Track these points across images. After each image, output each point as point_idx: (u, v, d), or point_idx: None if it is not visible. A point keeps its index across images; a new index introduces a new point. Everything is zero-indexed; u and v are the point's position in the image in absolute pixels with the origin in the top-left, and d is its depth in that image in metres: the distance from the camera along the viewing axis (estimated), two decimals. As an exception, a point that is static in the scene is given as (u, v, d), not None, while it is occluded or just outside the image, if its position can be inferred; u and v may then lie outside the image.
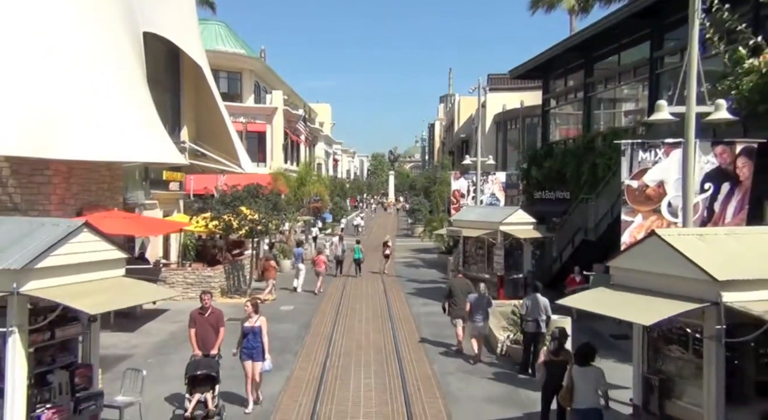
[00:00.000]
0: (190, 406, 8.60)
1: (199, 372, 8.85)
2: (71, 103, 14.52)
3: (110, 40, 16.39)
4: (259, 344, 9.51)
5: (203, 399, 8.72)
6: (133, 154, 16.54)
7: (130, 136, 15.89)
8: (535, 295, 11.44)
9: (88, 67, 15.19)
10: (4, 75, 13.73)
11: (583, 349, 7.56)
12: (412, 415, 9.33)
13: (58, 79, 14.43)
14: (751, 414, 6.47)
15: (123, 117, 15.82)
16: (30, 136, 13.65)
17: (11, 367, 6.04)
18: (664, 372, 6.93)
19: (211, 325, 9.51)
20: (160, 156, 17.52)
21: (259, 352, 9.49)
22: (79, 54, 15.06)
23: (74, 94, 14.66)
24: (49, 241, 6.14)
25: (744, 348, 6.51)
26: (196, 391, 8.75)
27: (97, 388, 7.08)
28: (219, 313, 9.80)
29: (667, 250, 6.32)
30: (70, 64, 14.77)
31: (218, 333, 9.52)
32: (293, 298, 19.88)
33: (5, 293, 5.84)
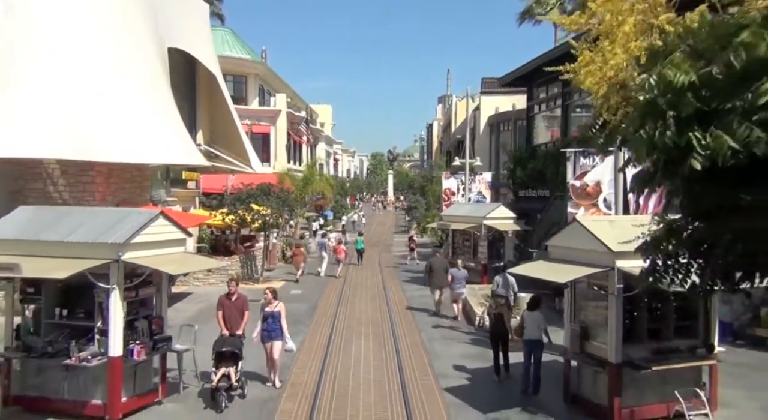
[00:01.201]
0: (216, 379, 9.45)
1: (225, 349, 9.75)
2: (111, 112, 16.90)
3: (142, 54, 18.82)
4: (277, 327, 10.42)
5: (227, 373, 9.56)
6: (163, 157, 19.02)
7: (160, 140, 18.32)
8: (504, 274, 13.91)
9: (123, 79, 17.60)
10: (55, 88, 16.08)
11: (533, 299, 10.55)
12: (403, 367, 11.76)
13: (99, 90, 16.80)
14: (643, 350, 8.94)
15: (154, 124, 18.23)
16: (77, 141, 16.01)
17: (112, 314, 8.48)
18: (583, 321, 9.39)
19: (237, 309, 10.45)
20: (185, 158, 20.00)
21: (278, 334, 10.40)
22: (117, 68, 17.47)
23: (113, 103, 17.05)
24: (139, 224, 8.59)
25: (639, 302, 8.96)
26: (222, 366, 9.59)
27: (167, 334, 9.53)
28: (244, 298, 10.70)
29: (584, 231, 8.78)
30: (109, 77, 17.17)
31: (243, 315, 10.42)
32: (302, 283, 22.30)
33: (111, 260, 8.28)
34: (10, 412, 8.64)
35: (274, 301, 10.52)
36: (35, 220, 9.14)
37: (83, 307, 9.05)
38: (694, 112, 3.16)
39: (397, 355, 12.58)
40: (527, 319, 10.29)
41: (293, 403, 9.67)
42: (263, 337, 10.46)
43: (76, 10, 16.66)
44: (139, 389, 9.09)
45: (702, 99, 3.15)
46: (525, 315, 10.45)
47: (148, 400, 9.25)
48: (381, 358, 12.48)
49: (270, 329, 10.44)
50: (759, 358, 12.51)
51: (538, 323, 10.16)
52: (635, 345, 8.93)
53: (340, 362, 12.14)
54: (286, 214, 22.26)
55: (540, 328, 10.10)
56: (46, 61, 15.99)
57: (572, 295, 9.61)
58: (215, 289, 19.23)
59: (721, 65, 3.07)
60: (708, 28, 3.23)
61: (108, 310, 8.46)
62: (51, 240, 8.45)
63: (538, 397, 9.94)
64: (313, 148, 60.35)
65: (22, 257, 8.23)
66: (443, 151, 71.50)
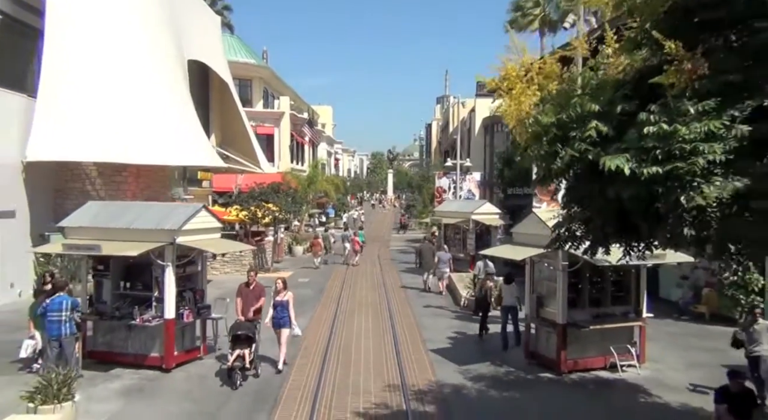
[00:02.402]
0: (231, 359, 10.29)
1: (240, 332, 10.54)
2: (142, 120, 19.26)
3: (168, 67, 21.20)
4: (286, 314, 11.15)
5: (242, 354, 10.30)
6: (186, 159, 21.41)
7: (183, 144, 20.70)
8: (485, 260, 16.25)
9: (152, 90, 19.97)
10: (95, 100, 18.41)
11: (507, 275, 13.25)
12: (397, 335, 14.10)
13: (132, 101, 19.16)
14: (585, 314, 11.28)
15: (178, 129, 20.60)
16: (114, 146, 18.37)
17: (167, 285, 10.81)
18: (540, 293, 11.74)
19: (255, 296, 11.44)
20: (205, 160, 22.38)
21: (285, 321, 11.16)
22: (147, 81, 19.83)
23: (144, 113, 19.40)
24: (188, 214, 10.94)
25: (582, 275, 11.29)
26: (237, 348, 10.37)
27: (207, 303, 11.88)
28: (261, 286, 11.65)
29: (537, 220, 11.11)
30: (141, 89, 19.52)
31: (259, 303, 11.49)
32: (309, 272, 24.65)
33: (167, 243, 10.62)
34: (86, 364, 10.93)
35: (283, 291, 11.23)
36: (103, 211, 11.49)
37: (141, 280, 11.42)
38: (556, 138, 5.49)
39: (392, 328, 14.92)
40: (504, 291, 13.02)
41: (303, 374, 11.51)
42: (273, 323, 11.24)
43: (115, 33, 18.99)
44: (186, 346, 11.44)
45: (560, 130, 5.49)
46: (502, 287, 13.15)
47: (192, 355, 11.58)
48: (379, 329, 14.84)
49: (279, 316, 11.16)
50: (696, 329, 14.88)
51: (512, 293, 12.84)
52: (579, 310, 11.28)
53: (344, 332, 14.50)
54: (294, 211, 24.56)
55: (514, 296, 12.82)
56: (86, 77, 18.30)
57: (531, 272, 11.97)
58: (231, 278, 21.60)
59: (568, 113, 5.40)
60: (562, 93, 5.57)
61: (164, 282, 10.80)
62: (119, 227, 10.79)
63: (504, 354, 12.35)
64: (315, 149, 62.54)
65: (98, 240, 10.58)
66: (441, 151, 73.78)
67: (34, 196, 18.05)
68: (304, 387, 10.32)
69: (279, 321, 11.17)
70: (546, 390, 10.48)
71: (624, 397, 10.17)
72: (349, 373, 11.20)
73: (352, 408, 9.38)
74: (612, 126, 5.17)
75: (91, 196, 19.50)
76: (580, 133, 5.27)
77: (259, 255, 25.67)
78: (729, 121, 4.48)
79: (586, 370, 11.27)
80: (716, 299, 15.64)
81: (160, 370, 10.86)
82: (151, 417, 8.97)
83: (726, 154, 4.45)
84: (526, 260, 11.68)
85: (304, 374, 11.03)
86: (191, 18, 25.49)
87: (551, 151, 5.39)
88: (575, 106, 5.23)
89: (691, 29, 4.79)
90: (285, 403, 9.56)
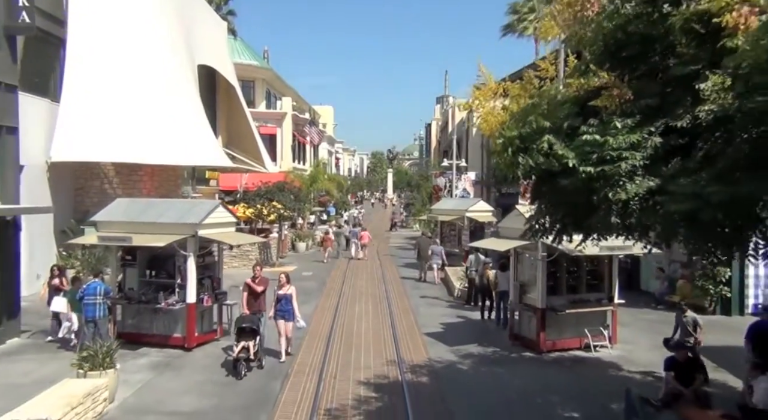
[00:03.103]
0: (237, 350, 10.74)
1: (245, 325, 10.98)
2: (157, 123, 20.55)
3: (180, 71, 22.52)
4: (289, 308, 11.58)
5: (247, 346, 10.74)
6: (197, 160, 22.73)
7: (194, 146, 21.99)
8: (477, 254, 17.57)
9: (166, 95, 21.27)
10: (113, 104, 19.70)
11: (502, 263, 14.51)
12: (395, 321, 15.43)
13: (147, 106, 20.45)
14: (562, 300, 12.58)
15: (188, 131, 21.90)
16: (131, 148, 19.67)
17: (189, 273, 12.13)
18: (523, 281, 13.07)
19: (261, 289, 11.95)
20: (214, 160, 23.70)
21: (290, 314, 11.58)
22: (161, 87, 21.12)
23: (158, 116, 20.70)
24: (207, 210, 12.27)
25: (560, 265, 12.60)
26: (242, 340, 10.78)
27: (224, 290, 13.21)
28: (266, 280, 12.14)
29: (519, 215, 12.40)
30: (155, 93, 20.81)
31: (265, 294, 12.01)
32: (313, 266, 25.99)
33: (189, 235, 11.93)
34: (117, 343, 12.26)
35: (286, 285, 11.67)
36: (131, 207, 12.82)
37: (165, 269, 12.76)
38: (518, 149, 6.81)
39: (390, 315, 16.26)
40: (500, 277, 14.45)
41: (310, 353, 12.87)
42: (276, 316, 11.65)
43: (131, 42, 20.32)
44: (205, 328, 12.77)
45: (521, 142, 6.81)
46: (498, 274, 14.62)
47: (210, 337, 12.90)
48: (378, 316, 16.18)
49: (283, 310, 11.57)
50: (669, 317, 15.98)
51: (507, 279, 14.00)
52: (557, 296, 12.59)
53: (346, 318, 15.84)
54: (298, 209, 25.88)
55: (508, 283, 13.92)
56: (105, 83, 19.61)
57: (515, 262, 13.30)
58: (238, 272, 22.87)
59: (529, 128, 6.72)
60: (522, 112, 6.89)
61: (186, 270, 12.13)
62: (147, 221, 12.12)
63: (490, 336, 13.67)
64: (316, 148, 63.79)
65: (128, 233, 11.91)
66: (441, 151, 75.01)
67: (56, 194, 19.33)
68: (311, 363, 11.65)
69: (284, 314, 11.58)
70: (526, 366, 11.80)
71: (595, 372, 11.49)
72: (351, 351, 12.54)
73: (354, 379, 10.71)
74: (562, 138, 6.49)
75: (108, 194, 20.81)
76: (537, 144, 6.59)
77: (265, 251, 26.99)
78: (647, 135, 5.79)
79: (564, 350, 12.59)
80: (689, 290, 16.93)
81: (182, 349, 12.19)
82: (181, 384, 10.30)
83: (644, 160, 5.77)
84: (511, 251, 13.01)
85: (310, 353, 12.35)
86: (200, 24, 26.80)
87: (515, 160, 6.71)
88: (531, 123, 6.55)
89: (619, 63, 6.11)
90: (295, 375, 10.89)
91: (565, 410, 9.39)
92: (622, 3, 6.13)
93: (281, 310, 11.59)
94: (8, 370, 10.87)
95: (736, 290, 15.98)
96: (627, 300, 14.11)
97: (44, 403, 7.87)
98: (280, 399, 9.66)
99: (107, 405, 8.98)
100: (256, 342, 11.01)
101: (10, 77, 12.41)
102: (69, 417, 7.78)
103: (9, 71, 12.42)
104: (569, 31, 6.59)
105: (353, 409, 9.26)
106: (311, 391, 9.99)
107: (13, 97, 12.57)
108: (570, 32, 6.57)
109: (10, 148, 12.48)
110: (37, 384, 9.48)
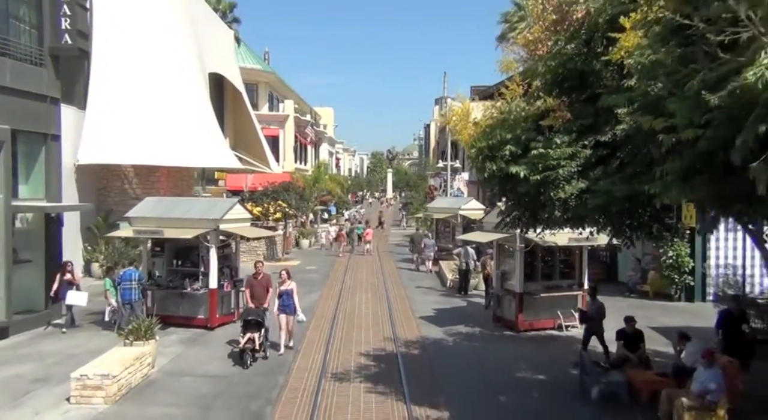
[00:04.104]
0: (243, 341, 11.30)
1: (250, 317, 11.49)
2: (173, 127, 22.28)
3: (193, 80, 24.25)
4: (291, 302, 12.05)
5: (252, 337, 11.25)
6: (208, 161, 24.50)
7: (205, 148, 23.75)
8: (465, 247, 19.36)
9: (181, 102, 23.00)
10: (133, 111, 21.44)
11: None
12: (392, 307, 17.22)
13: (164, 112, 22.18)
14: (538, 286, 14.37)
15: (200, 135, 23.63)
16: (148, 150, 21.40)
17: (211, 262, 13.91)
18: (504, 269, 14.86)
19: (263, 286, 12.53)
20: (224, 162, 25.47)
21: (291, 309, 12.07)
22: (177, 94, 22.86)
23: (174, 121, 22.42)
24: (227, 207, 14.07)
25: (536, 255, 14.38)
26: (248, 332, 11.30)
27: (240, 278, 14.99)
28: (268, 277, 12.76)
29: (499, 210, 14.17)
30: (172, 100, 22.54)
31: (267, 291, 12.51)
32: (315, 260, 27.79)
33: (212, 229, 13.71)
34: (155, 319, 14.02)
35: (288, 280, 12.20)
36: (159, 205, 14.61)
37: (189, 259, 14.56)
38: (486, 157, 8.60)
39: (387, 301, 18.06)
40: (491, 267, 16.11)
41: (317, 331, 14.78)
42: (278, 310, 12.18)
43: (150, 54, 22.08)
44: (224, 311, 14.54)
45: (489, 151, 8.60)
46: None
47: (229, 318, 14.67)
48: (377, 302, 17.98)
49: (284, 304, 12.08)
50: (638, 303, 17.94)
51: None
52: (533, 282, 14.38)
53: (348, 304, 17.64)
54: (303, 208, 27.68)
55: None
56: (127, 92, 21.36)
57: (497, 252, 15.09)
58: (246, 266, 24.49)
59: (495, 140, 8.51)
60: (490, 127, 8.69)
61: (208, 259, 13.92)
62: (176, 216, 13.90)
63: (477, 319, 15.48)
64: (317, 149, 65.50)
65: (159, 227, 13.70)
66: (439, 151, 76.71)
67: (82, 194, 21.09)
68: (319, 339, 13.43)
69: (285, 309, 12.11)
70: (505, 342, 13.58)
71: (564, 346, 13.25)
72: (353, 330, 14.34)
73: (356, 351, 12.51)
74: (520, 148, 8.28)
75: (128, 194, 22.63)
76: (500, 153, 8.39)
77: (271, 247, 28.80)
78: (580, 148, 7.59)
79: (539, 329, 14.37)
80: (659, 279, 18.73)
81: (205, 329, 13.97)
82: (208, 355, 12.09)
83: (578, 167, 7.56)
84: (493, 243, 14.81)
85: (317, 333, 14.13)
86: (210, 33, 28.55)
87: (483, 166, 8.50)
88: (496, 136, 8.35)
89: (562, 92, 7.89)
90: (305, 350, 12.65)
91: (532, 375, 11.18)
92: (565, 44, 7.93)
93: (282, 304, 12.13)
94: (62, 343, 12.69)
95: (699, 280, 17.75)
96: (604, 290, 15.88)
97: (103, 364, 9.67)
98: (294, 366, 11.43)
99: (150, 369, 10.77)
100: (261, 334, 11.56)
101: (54, 92, 14.19)
102: (123, 374, 9.57)
103: (54, 87, 14.19)
104: (525, 66, 8.37)
105: (355, 373, 11.05)
106: (320, 361, 11.78)
107: (57, 109, 14.36)
108: (525, 67, 8.36)
109: (55, 153, 14.27)
110: (89, 353, 11.29)
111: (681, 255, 17.62)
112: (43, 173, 14.01)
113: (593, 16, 7.56)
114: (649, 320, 15.09)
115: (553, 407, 9.57)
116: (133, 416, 8.88)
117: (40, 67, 13.84)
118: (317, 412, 9.09)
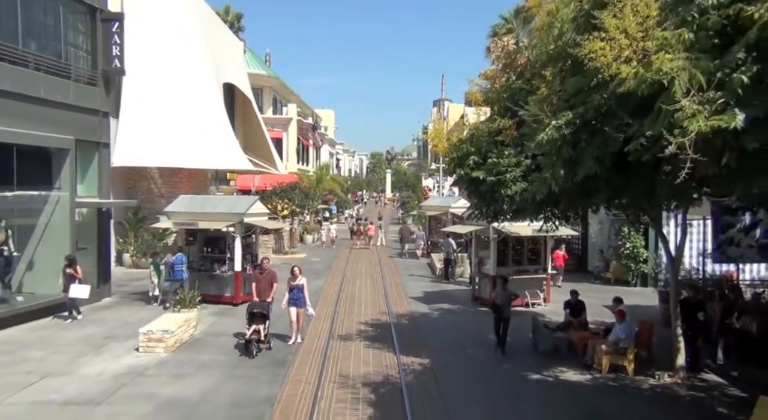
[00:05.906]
0: (248, 333, 11.94)
1: (255, 310, 12.13)
2: (193, 132, 25.01)
3: (210, 90, 26.98)
4: (301, 296, 12.84)
5: (257, 329, 11.91)
6: (224, 163, 27.27)
7: (221, 151, 26.49)
8: (448, 239, 22.20)
9: (200, 109, 25.72)
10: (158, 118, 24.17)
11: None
12: (387, 291, 20.03)
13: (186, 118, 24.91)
14: (509, 270, 17.15)
15: (216, 139, 26.36)
16: (172, 154, 24.14)
17: (236, 249, 16.70)
18: (480, 256, 17.67)
19: (267, 281, 13.19)
20: (237, 164, 28.20)
21: (301, 302, 12.82)
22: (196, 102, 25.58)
23: (195, 126, 25.16)
24: (250, 203, 16.90)
25: (507, 244, 17.18)
26: (253, 324, 11.92)
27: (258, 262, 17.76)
28: (273, 273, 13.48)
29: (478, 208, 17.00)
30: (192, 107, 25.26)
31: (272, 286, 13.13)
32: (319, 253, 30.60)
33: (238, 221, 16.49)
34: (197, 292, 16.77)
35: (299, 276, 12.95)
36: (191, 202, 17.42)
37: (217, 247, 17.38)
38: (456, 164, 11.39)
39: (383, 286, 20.87)
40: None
41: (324, 308, 17.62)
42: (289, 304, 12.91)
43: (173, 67, 24.82)
44: (247, 291, 17.21)
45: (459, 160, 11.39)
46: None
47: (250, 297, 17.02)
48: (374, 287, 20.80)
49: (295, 298, 12.85)
50: (599, 288, 20.77)
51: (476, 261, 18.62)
52: (505, 267, 17.18)
53: (349, 288, 20.45)
54: (308, 206, 30.49)
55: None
56: (153, 102, 24.11)
57: (475, 242, 17.90)
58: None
59: (462, 152, 11.30)
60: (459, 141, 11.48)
61: (234, 247, 16.71)
62: (206, 211, 16.70)
63: (459, 299, 18.31)
64: (318, 150, 68.16)
65: (194, 220, 16.50)
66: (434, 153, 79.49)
67: (115, 192, 23.85)
68: (325, 314, 16.23)
69: (296, 302, 12.83)
70: (480, 316, 16.35)
71: (527, 319, 15.95)
72: (354, 307, 17.16)
73: (356, 321, 15.33)
74: (481, 158, 11.09)
75: (153, 193, 25.41)
76: (466, 162, 11.21)
77: (279, 241, 31.62)
78: (523, 158, 10.40)
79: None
80: (619, 268, 21.54)
81: (231, 305, 16.75)
82: (236, 323, 14.82)
83: (521, 172, 10.37)
84: (471, 234, 17.62)
85: (324, 310, 16.92)
86: (223, 45, 31.32)
87: (454, 171, 11.31)
88: (463, 149, 11.16)
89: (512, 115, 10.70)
90: (314, 321, 15.42)
91: (498, 337, 13.97)
92: (515, 80, 10.74)
93: (293, 298, 12.82)
94: (116, 315, 15.50)
95: (651, 268, 20.56)
96: (575, 277, 18.79)
97: (160, 323, 12.45)
98: (306, 330, 14.23)
99: (194, 331, 13.57)
100: (266, 326, 12.15)
101: (105, 107, 16.97)
102: (178, 331, 12.37)
103: (104, 103, 16.97)
104: (485, 96, 11.19)
105: (356, 336, 13.85)
106: (327, 327, 14.60)
107: (107, 121, 17.14)
108: (486, 97, 11.18)
109: (105, 158, 17.06)
110: (142, 321, 14.04)
111: (637, 246, 20.45)
112: (96, 175, 16.78)
113: (533, 62, 10.36)
114: (606, 301, 17.79)
115: (511, 358, 12.36)
116: (189, 360, 11.67)
117: (95, 86, 16.62)
118: (327, 361, 11.87)
